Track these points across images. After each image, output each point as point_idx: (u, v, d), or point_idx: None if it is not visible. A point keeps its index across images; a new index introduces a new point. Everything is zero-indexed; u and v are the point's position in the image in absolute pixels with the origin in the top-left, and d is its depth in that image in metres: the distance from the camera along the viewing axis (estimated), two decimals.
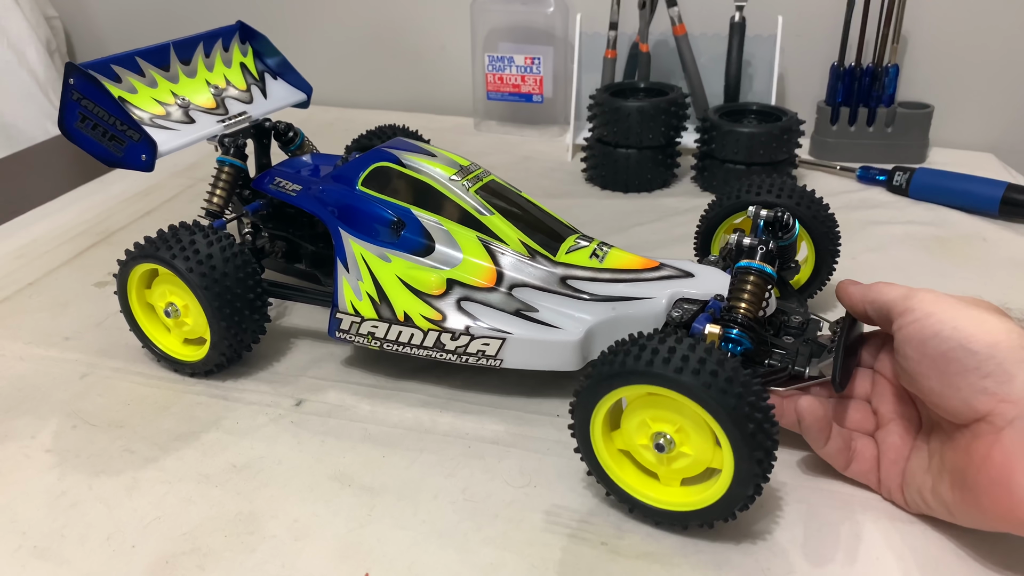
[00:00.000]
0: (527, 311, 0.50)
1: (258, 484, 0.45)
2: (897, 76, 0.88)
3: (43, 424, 0.50)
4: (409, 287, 0.51)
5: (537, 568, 0.39)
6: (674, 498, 0.41)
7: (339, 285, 0.53)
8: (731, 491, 0.38)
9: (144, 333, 0.55)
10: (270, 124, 0.63)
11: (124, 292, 0.54)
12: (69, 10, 1.25)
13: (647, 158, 0.82)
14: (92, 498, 0.44)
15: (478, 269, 0.51)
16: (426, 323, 0.50)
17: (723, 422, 0.36)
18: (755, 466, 0.37)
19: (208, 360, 0.53)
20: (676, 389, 0.37)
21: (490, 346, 0.49)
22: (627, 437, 0.41)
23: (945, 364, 0.38)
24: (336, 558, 0.40)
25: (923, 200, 0.79)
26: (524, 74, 0.98)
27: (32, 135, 1.15)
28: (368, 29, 1.12)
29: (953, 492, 0.38)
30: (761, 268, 0.44)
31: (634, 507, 0.42)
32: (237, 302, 0.51)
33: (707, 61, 0.93)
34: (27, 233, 0.78)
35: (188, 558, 0.40)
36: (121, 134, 0.55)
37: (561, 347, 0.48)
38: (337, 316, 0.52)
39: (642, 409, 0.39)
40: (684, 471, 0.40)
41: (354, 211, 0.53)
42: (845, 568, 0.39)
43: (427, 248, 0.52)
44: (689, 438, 0.39)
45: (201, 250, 0.50)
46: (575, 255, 0.51)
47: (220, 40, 0.64)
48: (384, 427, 0.50)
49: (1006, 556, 0.39)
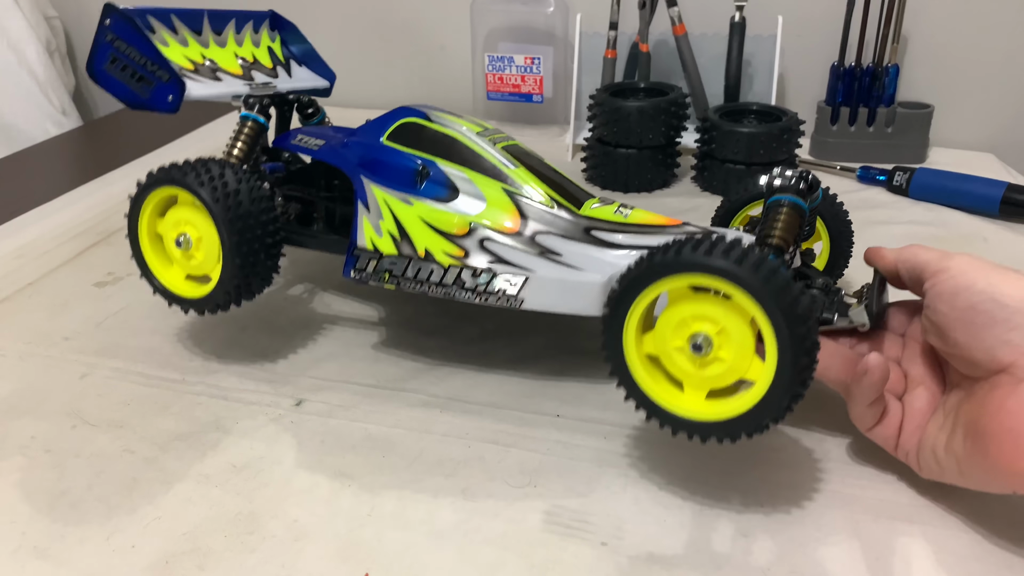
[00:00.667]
0: (551, 254, 0.49)
1: (258, 484, 0.45)
2: (897, 76, 0.88)
3: (43, 424, 0.50)
4: (431, 226, 0.51)
5: (537, 568, 0.39)
6: (698, 408, 0.39)
7: (358, 224, 0.52)
8: (767, 398, 0.37)
9: (147, 265, 0.54)
10: (294, 97, 0.64)
11: (136, 215, 0.53)
12: (69, 10, 1.26)
13: (647, 158, 0.82)
14: (92, 498, 0.44)
15: (502, 215, 0.50)
16: (448, 259, 0.49)
17: (776, 319, 0.35)
18: (797, 374, 0.36)
19: (210, 299, 0.52)
20: (734, 280, 0.36)
21: (512, 284, 0.48)
22: (661, 338, 0.39)
23: (973, 315, 0.38)
24: (336, 558, 0.40)
25: (923, 200, 0.79)
26: (524, 74, 0.98)
27: (32, 135, 1.15)
28: (368, 29, 1.12)
29: (965, 444, 0.38)
30: (794, 200, 0.43)
31: (653, 415, 0.40)
32: (256, 242, 0.51)
33: (707, 61, 0.93)
34: (27, 233, 0.78)
35: (188, 558, 0.40)
36: (151, 75, 0.56)
37: (586, 288, 0.47)
38: (354, 254, 0.52)
39: (684, 306, 0.38)
40: (715, 380, 0.39)
41: (377, 161, 0.53)
42: (845, 568, 0.39)
43: (450, 195, 0.51)
44: (729, 341, 0.38)
45: (230, 183, 0.50)
46: (599, 210, 0.51)
47: (252, 22, 0.66)
48: (384, 427, 0.50)
49: (1006, 556, 0.39)
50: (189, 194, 0.50)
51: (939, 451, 0.40)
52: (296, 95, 0.65)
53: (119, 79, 0.56)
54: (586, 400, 0.51)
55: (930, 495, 0.43)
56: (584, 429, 0.49)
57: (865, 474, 0.45)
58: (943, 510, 0.42)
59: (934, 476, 0.41)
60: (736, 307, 0.37)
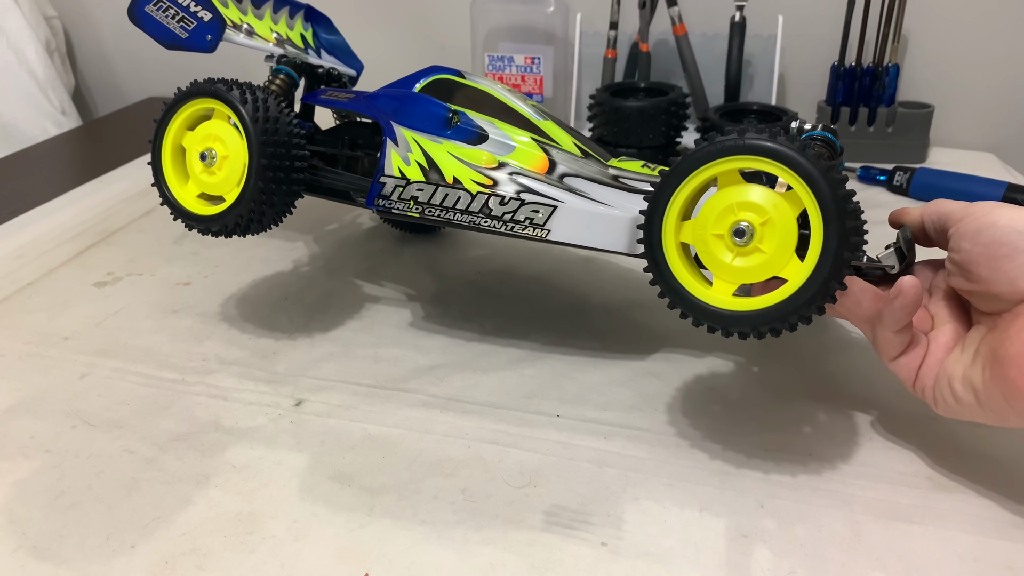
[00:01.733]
0: (580, 192, 0.49)
1: (258, 484, 0.45)
2: (897, 76, 0.88)
3: (42, 424, 0.50)
4: (460, 160, 0.51)
5: (537, 568, 0.39)
6: (725, 301, 0.40)
7: (386, 155, 0.52)
8: (799, 294, 0.37)
9: (164, 181, 0.55)
10: (323, 71, 0.65)
11: (165, 123, 0.54)
12: (69, 10, 1.26)
13: (647, 158, 0.82)
14: (92, 498, 0.44)
15: (531, 158, 0.51)
16: (476, 187, 0.50)
17: (827, 210, 0.36)
18: (835, 272, 0.36)
19: (219, 218, 0.52)
20: (795, 167, 0.37)
21: (540, 213, 0.48)
22: (701, 225, 0.40)
23: (996, 248, 0.39)
24: (336, 558, 0.40)
25: (924, 200, 0.79)
26: (524, 74, 0.98)
27: (32, 135, 1.15)
28: (368, 29, 1.12)
29: (984, 372, 0.39)
30: (826, 135, 0.44)
31: (677, 302, 0.41)
32: (281, 171, 0.51)
33: (707, 61, 0.93)
34: (27, 233, 0.78)
35: (188, 558, 0.40)
36: (192, 15, 0.57)
37: (614, 222, 0.48)
38: (380, 181, 0.52)
39: (733, 192, 0.39)
40: (749, 272, 0.39)
41: (408, 108, 0.54)
42: (845, 568, 0.39)
43: (480, 139, 0.52)
44: (773, 233, 0.38)
45: (272, 109, 0.51)
46: (625, 163, 0.52)
47: (288, 7, 0.67)
48: (384, 427, 0.50)
49: (1007, 557, 0.39)
50: (229, 110, 0.51)
51: (956, 383, 0.40)
52: (326, 69, 0.65)
53: (159, 20, 0.58)
54: (586, 400, 0.51)
55: (931, 496, 0.43)
56: (584, 429, 0.49)
57: (865, 474, 0.45)
58: (944, 511, 0.42)
59: (950, 411, 0.41)
60: (787, 200, 0.38)
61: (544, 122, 0.54)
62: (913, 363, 0.43)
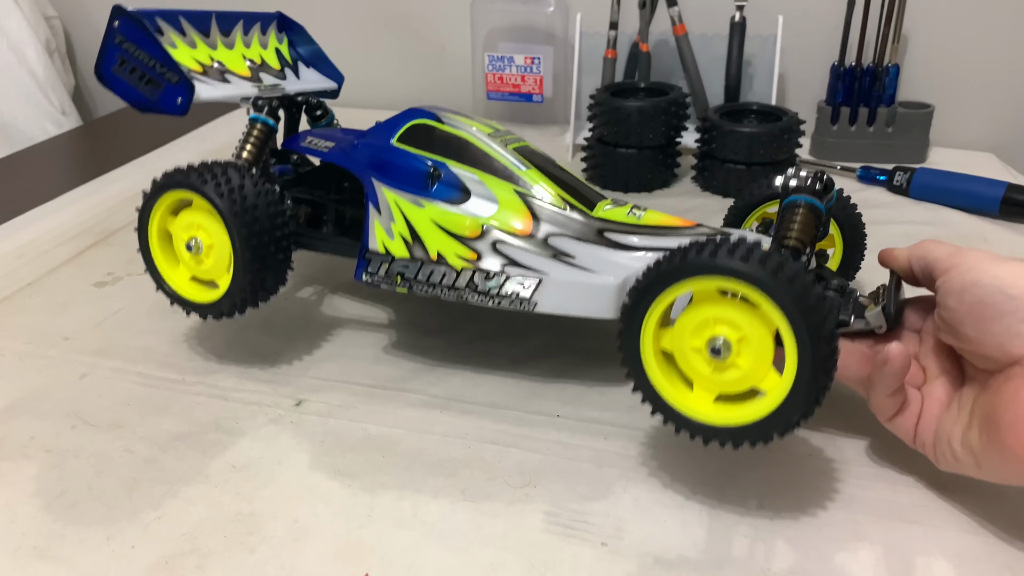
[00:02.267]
0: (564, 256, 0.49)
1: (258, 484, 0.45)
2: (897, 76, 0.88)
3: (42, 424, 0.50)
4: (444, 229, 0.50)
5: (537, 568, 0.39)
6: (706, 410, 0.39)
7: (370, 227, 0.52)
8: (779, 411, 0.36)
9: (159, 274, 0.54)
10: (302, 99, 0.64)
11: (147, 215, 0.53)
12: (69, 10, 1.26)
13: (647, 158, 0.82)
14: (92, 498, 0.44)
15: (514, 217, 0.50)
16: (460, 262, 0.49)
17: (802, 337, 0.35)
18: (812, 391, 0.36)
19: (225, 300, 0.52)
20: (767, 292, 0.35)
21: (525, 287, 0.48)
22: (680, 336, 0.39)
23: (982, 309, 0.38)
24: (336, 558, 0.40)
25: (923, 200, 0.79)
26: (524, 74, 0.98)
27: (32, 135, 1.15)
28: (368, 29, 1.12)
29: (981, 436, 0.38)
30: (811, 201, 0.43)
31: (658, 410, 0.40)
32: (264, 236, 0.50)
33: (707, 61, 0.93)
34: (27, 233, 0.78)
35: (188, 558, 0.40)
36: (159, 77, 0.56)
37: (600, 290, 0.47)
38: (366, 257, 0.52)
39: (708, 307, 0.38)
40: (728, 385, 0.38)
41: (388, 163, 0.53)
42: (845, 568, 0.39)
43: (462, 198, 0.51)
44: (748, 349, 0.37)
45: (233, 180, 0.50)
46: (612, 212, 0.51)
47: (259, 23, 0.66)
48: (384, 427, 0.50)
49: (1007, 557, 0.39)
50: (196, 195, 0.50)
51: (955, 444, 0.40)
52: (304, 97, 0.65)
53: (128, 81, 0.57)
54: (586, 400, 0.51)
55: (931, 496, 0.43)
56: (584, 429, 0.49)
57: (865, 474, 0.45)
58: (944, 511, 0.42)
59: (951, 468, 0.41)
60: (761, 316, 0.37)
61: (527, 171, 0.52)
62: (909, 423, 0.43)
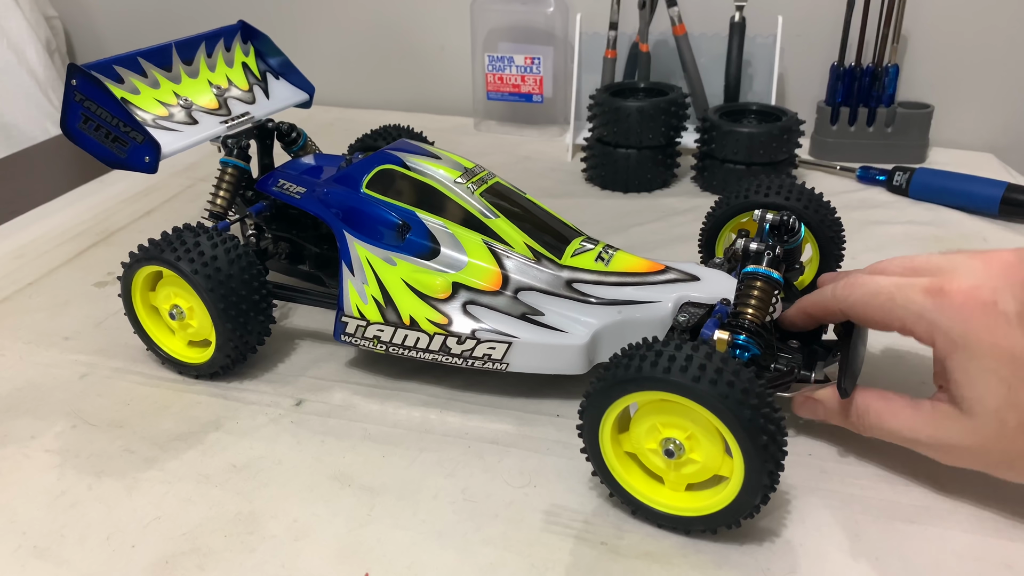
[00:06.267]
0: (533, 315, 0.50)
1: (258, 484, 0.45)
2: (897, 76, 0.88)
3: (43, 424, 0.50)
4: (414, 291, 0.51)
5: (537, 568, 0.39)
6: (679, 503, 0.41)
7: (344, 289, 0.52)
8: (739, 499, 0.38)
9: (148, 336, 0.55)
10: (273, 125, 0.63)
11: (128, 295, 0.54)
12: (69, 10, 1.25)
13: (647, 158, 0.82)
14: (92, 498, 0.44)
15: (484, 273, 0.50)
16: (432, 327, 0.50)
17: (737, 433, 0.36)
18: (765, 477, 0.37)
19: (214, 362, 0.53)
20: (693, 398, 0.37)
21: (496, 350, 0.49)
22: (636, 441, 0.41)
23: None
24: (336, 558, 0.40)
25: (923, 200, 0.79)
26: (524, 74, 0.98)
27: (32, 135, 1.15)
28: (368, 29, 1.12)
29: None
30: (768, 274, 0.44)
31: (637, 509, 0.42)
32: (243, 303, 0.51)
33: (707, 61, 0.93)
34: (27, 233, 0.78)
35: (188, 558, 0.40)
36: (124, 136, 0.54)
37: (567, 351, 0.48)
38: (342, 320, 0.52)
39: (653, 414, 0.39)
40: (691, 477, 0.40)
41: (359, 214, 0.53)
42: (845, 568, 0.39)
43: (432, 251, 0.51)
44: (699, 445, 0.39)
45: (206, 252, 0.50)
46: (580, 258, 0.51)
47: (222, 40, 0.64)
48: (384, 427, 0.50)
49: (1006, 557, 0.39)
50: (170, 270, 0.51)
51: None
52: (275, 123, 0.63)
53: (94, 138, 0.55)
54: None
55: (931, 496, 0.43)
56: None
57: (865, 474, 0.45)
58: (944, 511, 0.42)
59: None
60: (704, 414, 0.38)
61: (495, 220, 0.52)
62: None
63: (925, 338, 0.39)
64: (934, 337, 0.39)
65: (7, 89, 1.15)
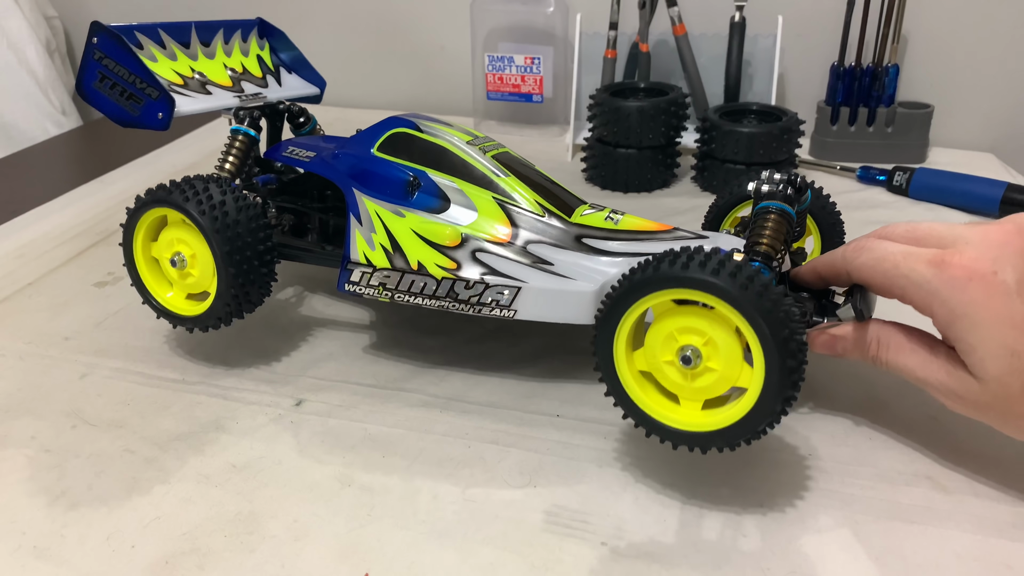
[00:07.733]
0: (543, 264, 0.49)
1: (258, 484, 0.45)
2: (897, 76, 0.88)
3: (43, 424, 0.50)
4: (424, 239, 0.51)
5: (537, 568, 0.39)
6: (695, 419, 0.40)
7: (351, 237, 0.52)
8: (759, 405, 0.37)
9: (145, 288, 0.55)
10: (284, 106, 0.64)
11: (129, 243, 0.54)
12: (69, 10, 1.26)
13: (647, 158, 0.82)
14: (92, 498, 0.44)
15: (493, 226, 0.51)
16: (440, 271, 0.50)
17: (757, 325, 0.36)
18: (786, 377, 0.36)
19: (211, 312, 0.52)
20: (711, 291, 0.36)
21: (504, 295, 0.48)
22: (651, 354, 0.40)
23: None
24: (336, 558, 0.40)
25: (923, 200, 0.79)
26: (524, 74, 0.98)
27: (32, 135, 1.15)
28: (368, 29, 1.12)
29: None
30: (781, 207, 0.44)
31: (652, 430, 0.41)
32: (247, 250, 0.51)
33: (707, 61, 0.93)
34: (27, 233, 0.78)
35: (188, 558, 0.40)
36: (140, 92, 0.56)
37: (577, 297, 0.48)
38: (348, 267, 0.52)
39: (669, 320, 0.39)
40: (708, 390, 0.39)
41: (368, 173, 0.54)
42: (845, 568, 0.39)
43: (442, 207, 0.52)
44: (717, 351, 0.38)
45: (215, 196, 0.50)
46: (589, 217, 0.52)
47: (240, 31, 0.66)
48: (384, 427, 0.50)
49: (1006, 556, 0.39)
50: (177, 212, 0.51)
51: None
52: (286, 105, 0.65)
53: (109, 97, 0.57)
54: (586, 400, 0.51)
55: (931, 496, 0.43)
56: (584, 429, 0.49)
57: (865, 474, 0.45)
58: (944, 511, 0.42)
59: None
60: (720, 317, 0.37)
61: (506, 179, 0.52)
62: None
63: (923, 308, 0.40)
64: (932, 308, 0.39)
65: (7, 89, 1.15)
